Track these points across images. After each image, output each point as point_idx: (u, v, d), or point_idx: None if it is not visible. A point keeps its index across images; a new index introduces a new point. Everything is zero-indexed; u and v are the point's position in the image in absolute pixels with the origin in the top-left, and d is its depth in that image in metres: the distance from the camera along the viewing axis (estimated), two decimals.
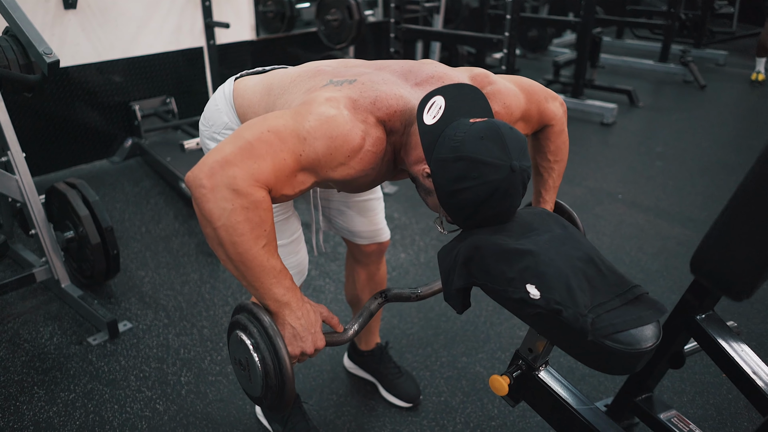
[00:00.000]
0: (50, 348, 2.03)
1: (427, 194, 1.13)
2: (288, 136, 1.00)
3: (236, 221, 0.94)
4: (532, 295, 0.95)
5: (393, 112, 1.10)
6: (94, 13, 3.23)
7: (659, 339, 0.95)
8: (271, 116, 1.05)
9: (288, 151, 1.00)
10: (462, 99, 1.09)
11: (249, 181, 0.95)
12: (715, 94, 5.50)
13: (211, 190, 0.93)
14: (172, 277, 2.46)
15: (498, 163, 0.97)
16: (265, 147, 0.98)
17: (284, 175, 1.00)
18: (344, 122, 1.04)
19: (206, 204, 0.94)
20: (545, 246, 1.01)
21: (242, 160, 0.96)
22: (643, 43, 7.09)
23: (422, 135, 1.04)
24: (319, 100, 1.07)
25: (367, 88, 1.10)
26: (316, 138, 1.01)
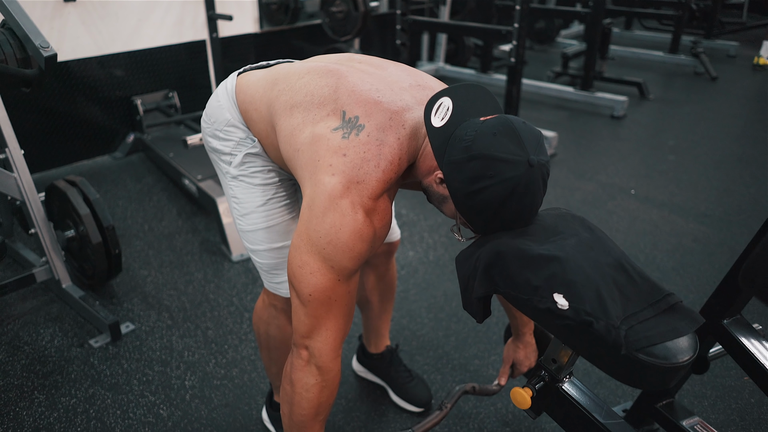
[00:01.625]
0: (51, 351, 1.98)
1: (442, 202, 1.07)
2: (325, 281, 1.05)
3: (312, 396, 1.12)
4: (560, 305, 0.88)
5: (397, 163, 1.05)
6: (94, 5, 3.16)
7: (696, 352, 0.89)
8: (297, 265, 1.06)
9: (334, 291, 1.06)
10: (471, 99, 1.04)
11: (331, 355, 1.10)
12: (726, 85, 5.39)
13: (306, 364, 1.11)
14: (176, 276, 2.40)
15: (514, 158, 0.91)
16: (322, 307, 1.07)
17: (345, 307, 1.10)
18: (351, 226, 1.02)
19: (297, 372, 1.12)
20: (572, 251, 0.95)
21: (317, 330, 1.08)
22: (652, 34, 6.98)
23: (431, 138, 0.98)
24: (321, 203, 1.02)
25: (371, 144, 1.03)
26: (339, 259, 1.03)
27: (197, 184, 2.74)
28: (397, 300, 2.27)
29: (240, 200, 1.34)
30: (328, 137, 1.06)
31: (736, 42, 6.47)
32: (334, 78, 1.14)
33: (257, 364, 1.94)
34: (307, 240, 1.04)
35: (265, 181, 1.32)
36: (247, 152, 1.30)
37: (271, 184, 1.33)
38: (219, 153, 1.34)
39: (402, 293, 2.32)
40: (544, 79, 5.15)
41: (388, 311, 1.76)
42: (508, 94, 3.71)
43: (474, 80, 5.13)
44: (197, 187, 2.74)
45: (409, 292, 2.33)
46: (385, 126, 1.06)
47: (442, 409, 1.46)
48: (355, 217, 1.01)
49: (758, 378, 1.27)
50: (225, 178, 1.36)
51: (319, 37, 4.33)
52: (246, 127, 1.30)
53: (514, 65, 3.56)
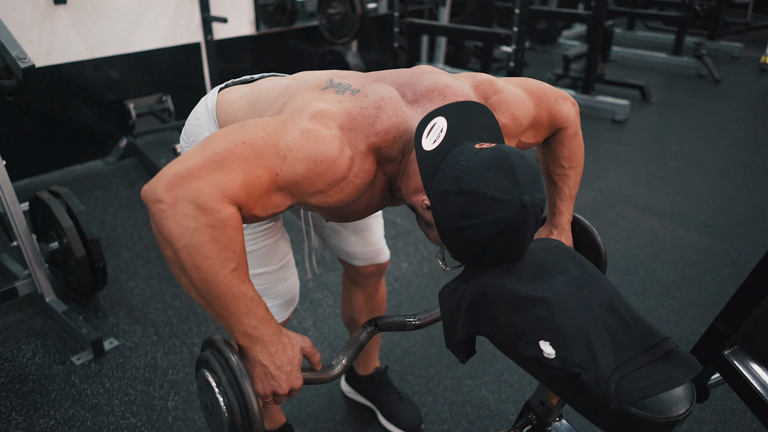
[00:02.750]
0: (32, 368, 1.93)
1: (427, 227, 1.00)
2: (266, 152, 0.87)
3: (200, 241, 0.81)
4: (546, 354, 0.82)
5: (391, 137, 0.97)
6: (86, 7, 3.11)
7: (693, 403, 0.83)
8: (251, 124, 0.91)
9: (264, 167, 0.87)
10: (467, 119, 0.96)
11: (216, 195, 0.81)
12: (730, 88, 5.31)
13: (171, 205, 0.80)
14: (163, 288, 2.35)
15: (507, 198, 0.84)
16: (237, 160, 0.84)
17: (257, 194, 0.87)
18: (333, 146, 0.90)
19: (165, 222, 0.80)
20: (561, 292, 0.88)
21: (209, 172, 0.82)
22: (655, 35, 6.89)
23: (420, 162, 0.91)
24: (311, 110, 0.93)
25: (369, 104, 0.97)
26: (297, 158, 0.88)
27: None
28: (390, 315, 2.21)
29: None
30: (319, 91, 0.99)
31: (741, 43, 6.38)
32: (325, 77, 1.08)
33: None
34: (281, 122, 0.92)
35: None
36: None
37: None
38: None
39: (395, 307, 2.26)
40: (543, 80, 5.07)
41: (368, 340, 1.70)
42: None
43: None
44: None
45: (401, 307, 2.27)
46: (384, 96, 0.99)
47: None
48: (341, 145, 0.91)
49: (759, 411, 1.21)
50: None
51: (317, 39, 4.27)
52: None
53: (513, 69, 3.50)
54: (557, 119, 1.23)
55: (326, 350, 2.03)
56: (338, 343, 2.06)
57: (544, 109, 1.19)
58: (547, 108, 1.20)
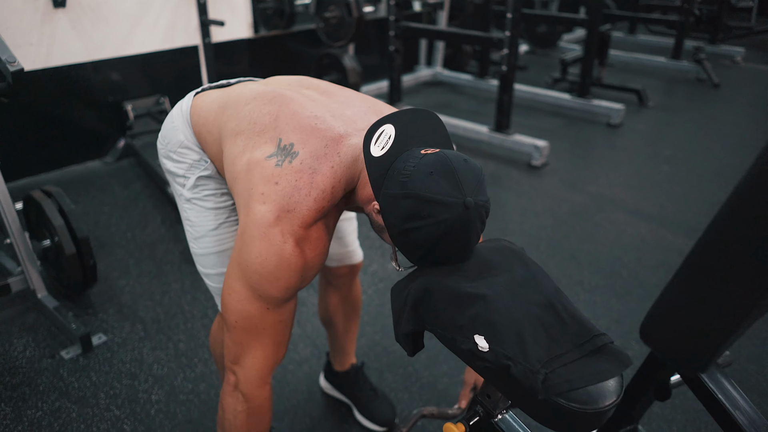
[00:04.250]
0: (22, 362, 1.99)
1: (381, 231, 1.05)
2: (251, 308, 1.06)
3: (240, 422, 1.17)
4: (480, 347, 0.87)
5: (330, 190, 1.04)
6: (84, 11, 3.18)
7: (620, 396, 0.87)
8: (227, 292, 1.09)
9: (261, 319, 1.08)
10: (415, 126, 1.00)
11: (256, 383, 1.13)
12: (729, 93, 5.32)
13: (233, 389, 1.15)
14: (153, 286, 2.41)
15: (449, 200, 0.89)
16: (247, 338, 1.10)
17: (275, 335, 1.11)
18: (278, 255, 1.01)
19: (226, 397, 1.17)
20: (500, 290, 0.93)
21: (242, 357, 1.12)
22: (656, 39, 6.90)
23: (369, 168, 0.96)
24: (252, 234, 1.02)
25: (304, 171, 1.03)
26: (267, 289, 1.04)
27: None
28: (372, 314, 2.26)
29: (193, 223, 1.33)
30: (263, 165, 1.05)
31: (742, 47, 6.38)
32: (276, 105, 1.13)
33: None
34: (237, 267, 1.06)
35: (218, 204, 1.31)
36: (199, 175, 1.29)
37: (224, 207, 1.32)
38: (173, 175, 1.34)
39: (378, 307, 2.31)
40: (543, 85, 5.11)
41: (353, 330, 1.75)
42: (500, 102, 3.68)
43: (471, 85, 5.10)
44: None
45: (384, 306, 2.32)
46: (320, 154, 1.04)
47: None
48: (284, 247, 1.00)
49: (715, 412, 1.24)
50: (179, 201, 1.36)
51: (314, 42, 4.32)
52: (200, 149, 1.29)
53: (506, 73, 3.54)
54: None
55: (308, 347, 2.08)
56: (320, 341, 2.11)
57: None
58: None
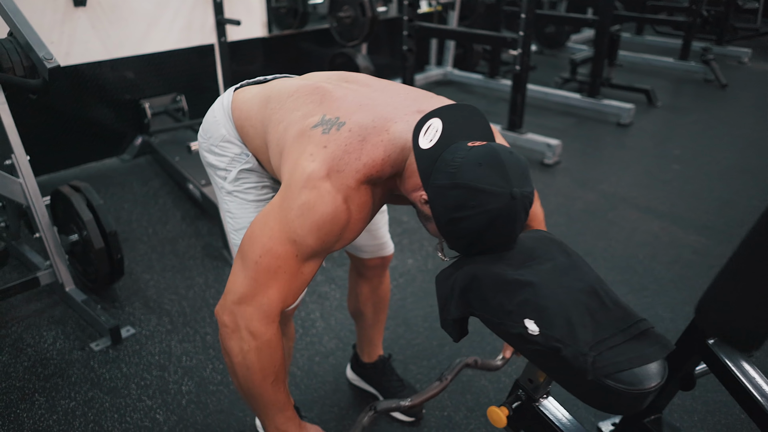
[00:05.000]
0: (53, 353, 2.03)
1: (426, 220, 1.09)
2: (280, 249, 1.04)
3: (251, 361, 1.07)
4: (530, 331, 0.91)
5: (379, 163, 1.06)
6: (104, 10, 3.22)
7: (664, 378, 0.90)
8: (258, 226, 1.07)
9: (285, 263, 1.05)
10: (461, 120, 1.04)
11: (262, 320, 1.05)
12: (736, 93, 5.36)
13: (233, 330, 1.06)
14: (177, 281, 2.45)
15: (497, 190, 0.93)
16: (266, 275, 1.04)
17: (291, 286, 1.07)
18: (326, 205, 1.02)
19: (227, 341, 1.08)
20: (546, 277, 0.97)
21: (252, 297, 1.05)
22: (663, 40, 6.92)
23: (418, 160, 1.00)
24: (300, 180, 1.04)
25: (353, 139, 1.06)
26: (304, 235, 1.03)
27: (201, 189, 2.78)
28: (394, 308, 2.29)
29: (234, 215, 1.37)
30: (309, 133, 1.09)
31: (749, 48, 6.42)
32: (319, 95, 1.17)
33: None
34: (278, 209, 1.06)
35: (259, 197, 1.35)
36: (241, 168, 1.33)
37: (265, 200, 1.36)
38: (214, 168, 1.38)
39: (399, 301, 2.35)
40: (550, 85, 5.15)
41: (381, 322, 1.79)
42: (513, 101, 3.72)
43: (481, 85, 5.14)
44: (201, 192, 2.78)
45: (406, 300, 2.36)
46: (368, 126, 1.08)
47: (442, 381, 1.44)
48: (334, 198, 1.03)
49: (742, 400, 1.28)
50: (220, 193, 1.40)
51: (328, 41, 4.36)
52: (242, 143, 1.33)
53: (519, 73, 3.57)
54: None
55: (332, 340, 2.12)
56: (344, 334, 2.15)
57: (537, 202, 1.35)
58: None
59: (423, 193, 1.04)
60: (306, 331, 2.17)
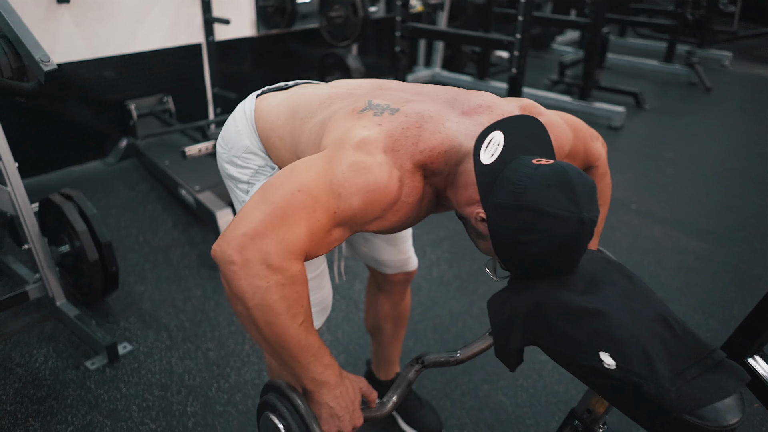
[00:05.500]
0: (45, 373, 1.90)
1: (479, 238, 1.02)
2: (321, 193, 0.89)
3: (272, 300, 0.85)
4: (606, 365, 0.84)
5: (436, 154, 0.98)
6: (89, 7, 3.08)
7: (744, 412, 0.85)
8: (300, 168, 0.93)
9: (322, 210, 0.89)
10: (523, 134, 0.97)
11: (284, 254, 0.85)
12: (721, 96, 5.42)
13: (243, 266, 0.84)
14: (173, 292, 2.34)
15: (566, 215, 0.85)
16: (297, 210, 0.87)
17: (319, 237, 0.90)
18: (381, 172, 0.92)
19: (238, 282, 0.85)
20: (614, 304, 0.90)
21: (274, 229, 0.85)
22: (645, 42, 6.98)
23: (478, 175, 0.92)
24: (353, 139, 0.94)
25: (410, 123, 0.98)
26: (351, 193, 0.90)
27: (195, 195, 2.67)
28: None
29: None
30: (358, 115, 1.00)
31: (729, 52, 6.50)
32: (364, 97, 1.09)
33: (261, 388, 1.87)
34: (324, 161, 0.93)
35: None
36: None
37: None
38: (236, 180, 1.29)
39: None
40: (539, 87, 5.13)
41: (400, 339, 1.72)
42: None
43: (471, 86, 5.09)
44: (195, 198, 2.67)
45: (414, 311, 2.28)
46: (424, 114, 1.00)
47: None
48: (390, 170, 0.93)
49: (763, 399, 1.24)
50: (241, 207, 1.30)
51: (317, 41, 4.26)
52: (266, 154, 1.25)
53: (516, 76, 3.53)
54: (590, 156, 1.26)
55: (341, 355, 2.04)
56: (353, 348, 2.07)
57: (581, 142, 1.22)
58: (583, 142, 1.23)
59: (479, 210, 0.96)
60: None
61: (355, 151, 0.93)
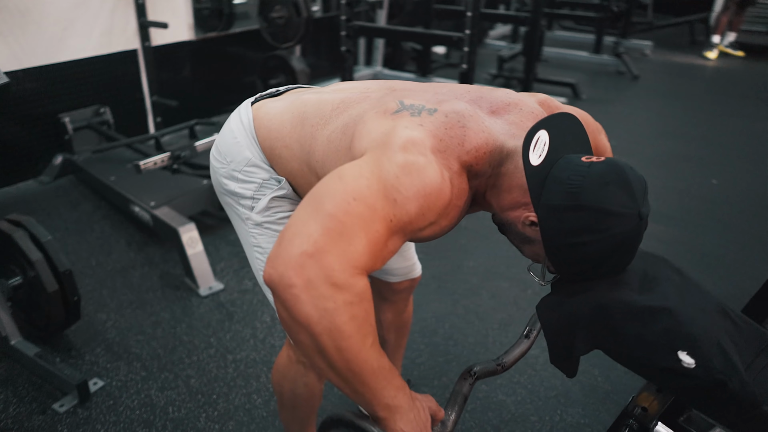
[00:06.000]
0: (8, 422, 1.70)
1: (525, 243, 0.97)
2: (377, 201, 0.82)
3: (341, 322, 0.76)
4: (686, 364, 0.81)
5: (482, 154, 0.92)
6: (12, 13, 2.81)
7: None
8: (349, 175, 0.84)
9: (379, 219, 0.82)
10: (565, 132, 0.94)
11: (349, 269, 0.78)
12: (647, 83, 5.67)
13: (305, 288, 0.75)
14: (140, 318, 2.16)
15: (626, 212, 0.83)
16: (356, 221, 0.80)
17: (378, 249, 0.82)
18: (435, 174, 0.85)
19: (301, 307, 0.76)
20: (675, 299, 0.88)
21: (334, 243, 0.78)
22: (571, 35, 7.23)
23: (530, 177, 0.87)
24: (399, 140, 0.87)
25: (452, 123, 0.92)
26: (407, 198, 0.83)
27: (151, 212, 2.49)
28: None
29: (266, 250, 1.18)
30: (394, 117, 0.93)
31: (650, 41, 6.83)
32: (392, 97, 1.01)
33: (254, 413, 1.76)
34: (373, 164, 0.85)
35: None
36: (273, 195, 1.15)
37: None
38: (237, 197, 1.18)
39: None
40: (480, 81, 5.19)
41: (402, 347, 1.66)
42: None
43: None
44: (151, 215, 2.49)
45: None
46: (464, 113, 0.94)
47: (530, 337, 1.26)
48: (441, 170, 0.87)
49: None
50: (245, 225, 1.20)
51: (259, 43, 4.10)
52: (270, 166, 1.15)
53: (466, 71, 3.53)
54: (600, 150, 1.25)
55: None
56: None
57: (594, 135, 1.20)
58: (595, 135, 1.21)
59: (529, 213, 0.92)
60: None
61: (404, 152, 0.86)
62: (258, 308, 2.23)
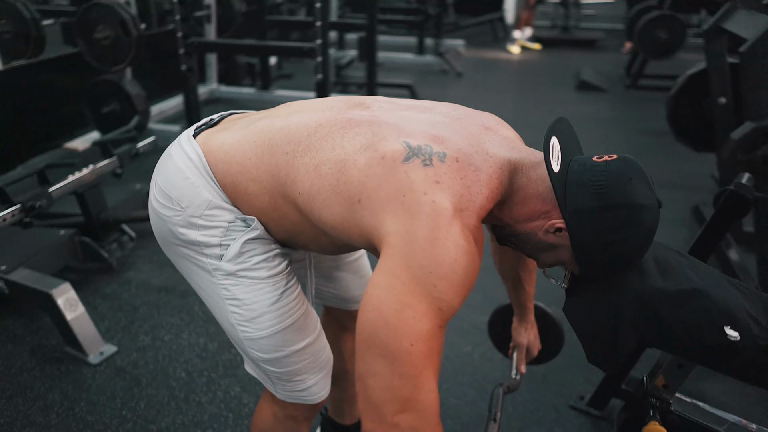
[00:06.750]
0: None
1: (545, 250, 0.96)
2: (429, 327, 0.82)
3: None
4: (732, 338, 0.86)
5: (496, 191, 0.91)
6: None
7: None
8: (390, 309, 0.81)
9: (437, 338, 0.83)
10: (565, 135, 0.97)
11: (432, 420, 0.83)
12: (471, 79, 6.11)
13: None
14: (22, 407, 1.78)
15: (652, 203, 0.88)
16: (423, 361, 0.82)
17: (439, 358, 0.86)
18: (466, 255, 0.83)
19: None
20: (697, 279, 0.94)
21: (417, 395, 0.82)
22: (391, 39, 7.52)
23: (556, 185, 0.88)
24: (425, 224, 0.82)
25: (464, 168, 0.88)
26: (452, 299, 0.83)
27: (5, 277, 2.07)
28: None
29: (243, 302, 1.04)
30: (404, 168, 0.86)
31: (462, 40, 7.36)
32: (390, 132, 0.93)
33: None
34: (409, 276, 0.82)
35: (273, 271, 1.05)
36: (246, 238, 1.01)
37: (280, 273, 1.06)
38: (200, 246, 1.02)
39: None
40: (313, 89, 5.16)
41: None
42: None
43: (255, 99, 4.90)
44: (5, 281, 2.07)
45: None
46: (469, 151, 0.91)
47: (496, 420, 1.24)
48: (469, 247, 0.84)
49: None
50: (211, 277, 1.04)
51: (82, 68, 3.63)
52: (233, 206, 1.01)
53: (323, 81, 3.49)
54: None
55: None
56: None
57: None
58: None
59: (552, 221, 0.91)
60: None
61: (435, 243, 0.82)
62: (167, 364, 1.97)
